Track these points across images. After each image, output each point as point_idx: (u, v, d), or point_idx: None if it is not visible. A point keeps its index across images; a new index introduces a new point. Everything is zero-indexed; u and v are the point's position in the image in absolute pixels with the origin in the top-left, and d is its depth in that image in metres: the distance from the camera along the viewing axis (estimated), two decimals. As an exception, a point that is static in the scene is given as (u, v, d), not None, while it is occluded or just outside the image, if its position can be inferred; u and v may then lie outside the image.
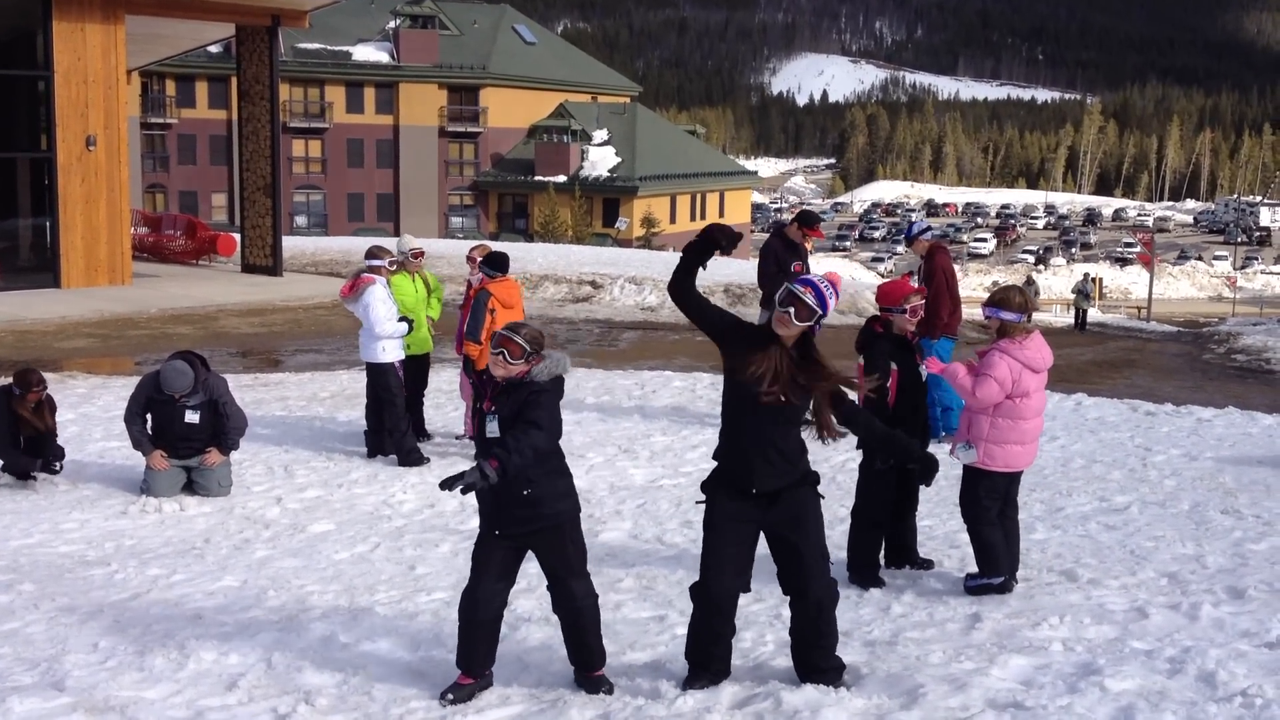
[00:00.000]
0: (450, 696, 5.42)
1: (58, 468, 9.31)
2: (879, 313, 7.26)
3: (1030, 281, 32.47)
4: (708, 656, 5.46)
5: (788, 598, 5.43)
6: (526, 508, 5.27)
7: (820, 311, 5.04)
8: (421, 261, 11.08)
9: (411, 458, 10.17)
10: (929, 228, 11.58)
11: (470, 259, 10.96)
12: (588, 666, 5.55)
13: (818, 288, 5.05)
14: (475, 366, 10.24)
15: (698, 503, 5.44)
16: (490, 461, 5.03)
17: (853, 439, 6.05)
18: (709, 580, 5.30)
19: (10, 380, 9.30)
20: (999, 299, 6.84)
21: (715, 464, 5.40)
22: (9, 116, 24.20)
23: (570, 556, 5.40)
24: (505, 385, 5.28)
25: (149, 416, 9.25)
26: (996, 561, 6.77)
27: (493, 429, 5.23)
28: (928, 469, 5.75)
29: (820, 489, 5.37)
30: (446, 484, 5.05)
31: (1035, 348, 6.73)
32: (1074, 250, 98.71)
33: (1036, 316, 9.33)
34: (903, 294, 7.17)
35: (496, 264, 10.35)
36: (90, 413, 12.13)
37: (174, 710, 5.39)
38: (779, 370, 5.07)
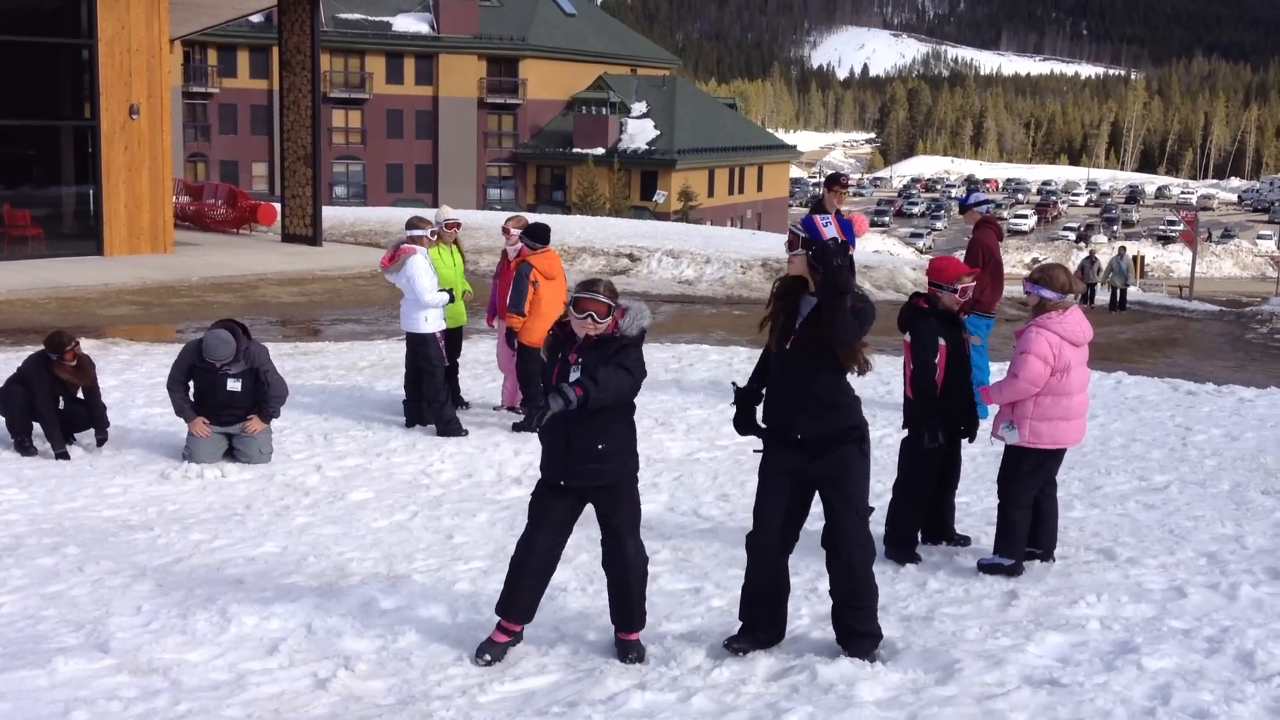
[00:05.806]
0: (487, 657, 5.52)
1: (105, 436, 9.56)
2: (927, 287, 7.19)
3: (1093, 259, 31.49)
4: (754, 615, 5.55)
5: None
6: (597, 461, 5.32)
7: (806, 234, 5.17)
8: (456, 233, 11.09)
9: (450, 428, 10.23)
10: (987, 201, 11.47)
11: (505, 230, 10.97)
12: (627, 628, 5.60)
13: (810, 220, 5.20)
14: (519, 338, 10.28)
15: (754, 451, 5.57)
16: (574, 388, 5.06)
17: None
18: (755, 528, 5.46)
19: (42, 348, 9.42)
20: (1042, 276, 6.74)
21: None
22: (53, 85, 24.37)
23: (628, 512, 5.50)
24: (594, 340, 5.32)
25: (191, 384, 9.35)
26: (1014, 545, 6.74)
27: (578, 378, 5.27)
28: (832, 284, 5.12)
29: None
30: (527, 422, 5.19)
31: (1074, 321, 6.65)
32: (1115, 228, 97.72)
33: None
34: (956, 273, 7.11)
35: (537, 235, 10.35)
36: (133, 379, 12.25)
37: (216, 673, 5.47)
38: (790, 312, 5.26)
